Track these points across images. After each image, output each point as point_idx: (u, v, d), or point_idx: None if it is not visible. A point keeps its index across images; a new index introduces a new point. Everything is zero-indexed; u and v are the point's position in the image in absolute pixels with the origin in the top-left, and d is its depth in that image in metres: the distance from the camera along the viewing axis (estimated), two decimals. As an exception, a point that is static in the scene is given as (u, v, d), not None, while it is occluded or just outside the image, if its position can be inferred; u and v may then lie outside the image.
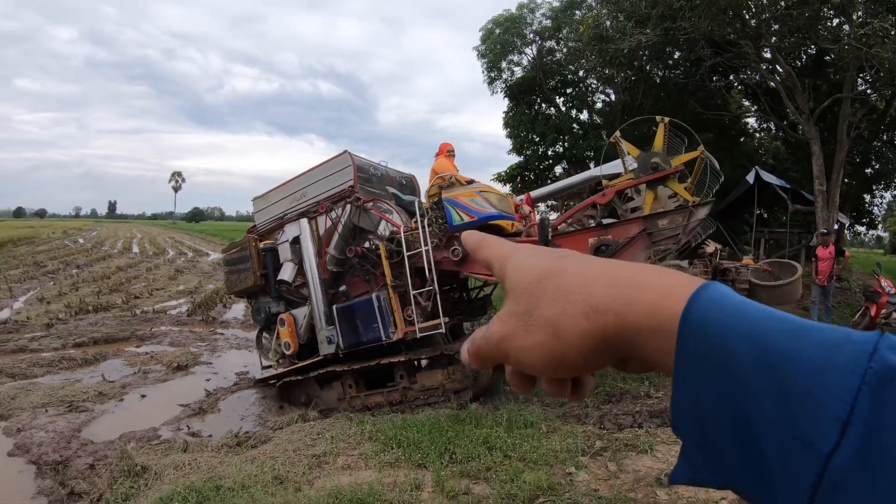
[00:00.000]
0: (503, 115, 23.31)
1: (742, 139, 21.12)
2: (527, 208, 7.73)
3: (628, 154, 6.65)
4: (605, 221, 6.53)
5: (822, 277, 10.53)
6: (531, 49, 22.34)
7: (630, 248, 5.77)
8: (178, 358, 10.25)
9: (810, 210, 15.68)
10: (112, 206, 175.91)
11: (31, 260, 27.19)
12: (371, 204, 7.63)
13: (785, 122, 18.15)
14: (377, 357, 7.27)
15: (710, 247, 13.25)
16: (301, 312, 8.10)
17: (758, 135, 22.53)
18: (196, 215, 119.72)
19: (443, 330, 6.86)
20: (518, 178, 23.67)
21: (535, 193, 8.17)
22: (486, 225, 6.70)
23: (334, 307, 7.61)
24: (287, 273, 8.13)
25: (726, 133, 19.93)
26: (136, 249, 39.48)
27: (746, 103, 20.99)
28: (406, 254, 6.97)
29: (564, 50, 22.32)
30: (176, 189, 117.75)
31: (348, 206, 7.70)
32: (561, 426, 5.66)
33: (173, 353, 10.71)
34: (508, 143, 23.52)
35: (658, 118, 6.43)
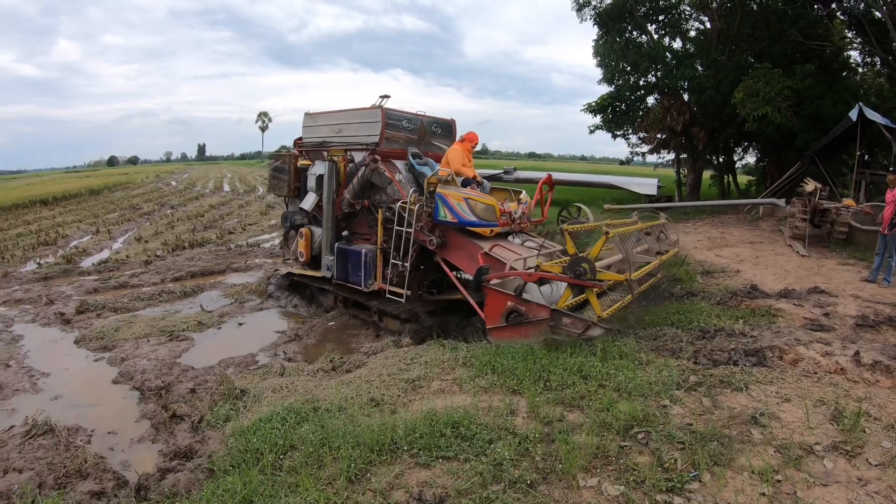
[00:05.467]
0: (593, 44, 22.15)
1: (844, 73, 19.42)
2: (517, 208, 8.11)
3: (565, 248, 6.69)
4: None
5: (885, 225, 8.95)
6: (621, -28, 20.88)
7: (531, 325, 6.11)
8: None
9: (917, 153, 14.48)
10: (201, 149, 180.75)
11: (126, 203, 28.79)
12: (384, 167, 8.35)
13: (890, 57, 16.73)
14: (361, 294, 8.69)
15: (810, 185, 12.58)
16: (318, 231, 9.32)
17: (861, 70, 20.70)
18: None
19: (403, 301, 7.94)
20: (609, 108, 22.88)
21: (556, 177, 8.55)
22: (464, 228, 7.54)
23: (336, 245, 8.76)
24: (308, 203, 9.35)
25: (827, 66, 18.37)
26: (227, 188, 41.11)
27: (850, 35, 19.35)
28: (395, 226, 7.95)
29: (656, -27, 20.79)
30: (263, 129, 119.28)
31: (366, 162, 8.50)
32: (655, 359, 5.54)
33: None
34: (598, 74, 22.52)
35: (605, 230, 6.23)
